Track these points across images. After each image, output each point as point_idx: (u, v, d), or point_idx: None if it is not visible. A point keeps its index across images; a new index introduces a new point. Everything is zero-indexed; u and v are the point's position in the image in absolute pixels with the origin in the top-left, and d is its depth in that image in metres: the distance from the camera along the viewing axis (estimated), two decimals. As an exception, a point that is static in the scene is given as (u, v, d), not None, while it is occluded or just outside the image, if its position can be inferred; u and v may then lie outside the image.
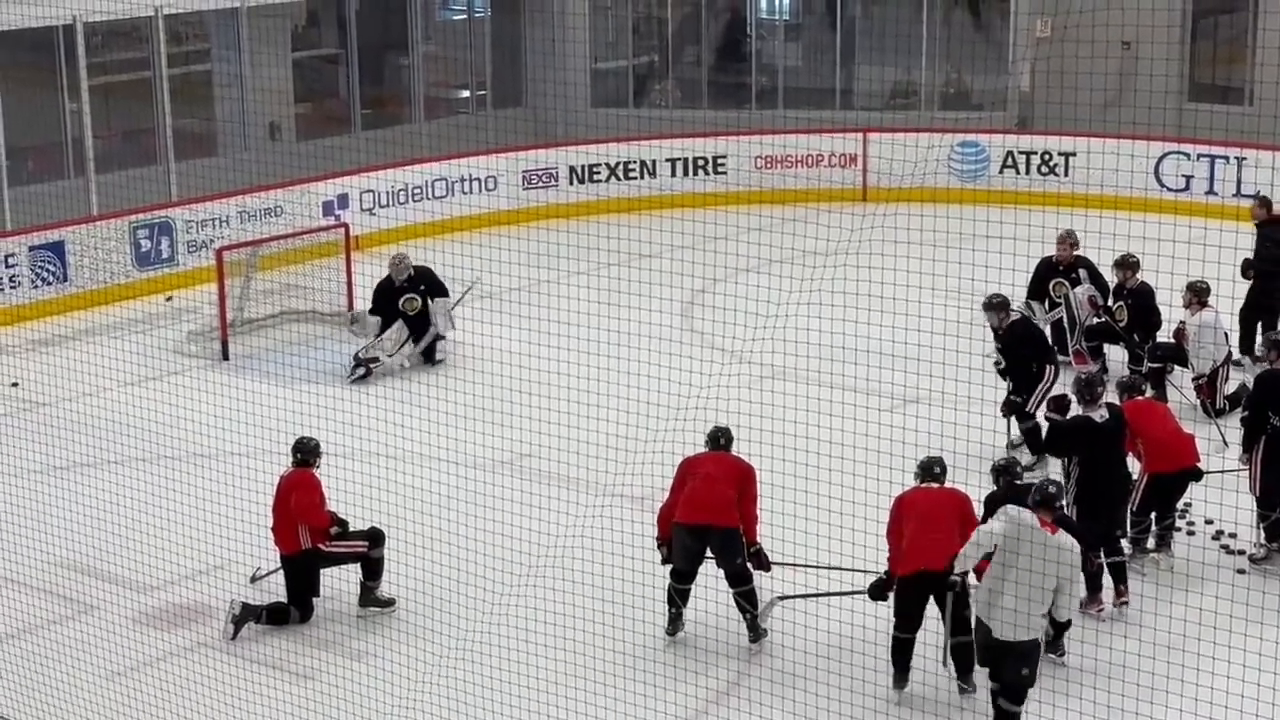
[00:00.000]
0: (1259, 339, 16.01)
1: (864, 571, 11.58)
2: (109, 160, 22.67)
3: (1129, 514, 12.35)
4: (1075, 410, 12.30)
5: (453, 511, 12.80)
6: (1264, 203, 17.25)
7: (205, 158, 23.43)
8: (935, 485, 11.15)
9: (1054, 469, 13.16)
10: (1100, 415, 12.05)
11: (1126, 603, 11.96)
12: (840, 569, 11.60)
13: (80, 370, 16.73)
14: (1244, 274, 16.75)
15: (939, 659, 11.07)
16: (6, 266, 19.47)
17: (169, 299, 17.12)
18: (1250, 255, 16.90)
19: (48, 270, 19.78)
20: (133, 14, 21.90)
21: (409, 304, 17.59)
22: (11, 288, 19.49)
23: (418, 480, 12.99)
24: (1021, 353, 14.40)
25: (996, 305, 14.53)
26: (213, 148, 24.25)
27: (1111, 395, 12.78)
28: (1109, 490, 11.98)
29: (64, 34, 21.90)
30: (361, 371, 17.37)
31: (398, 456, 13.91)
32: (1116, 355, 16.43)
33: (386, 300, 17.67)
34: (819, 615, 11.50)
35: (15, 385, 17.09)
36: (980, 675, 10.75)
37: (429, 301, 17.64)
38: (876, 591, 11.13)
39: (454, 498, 13.16)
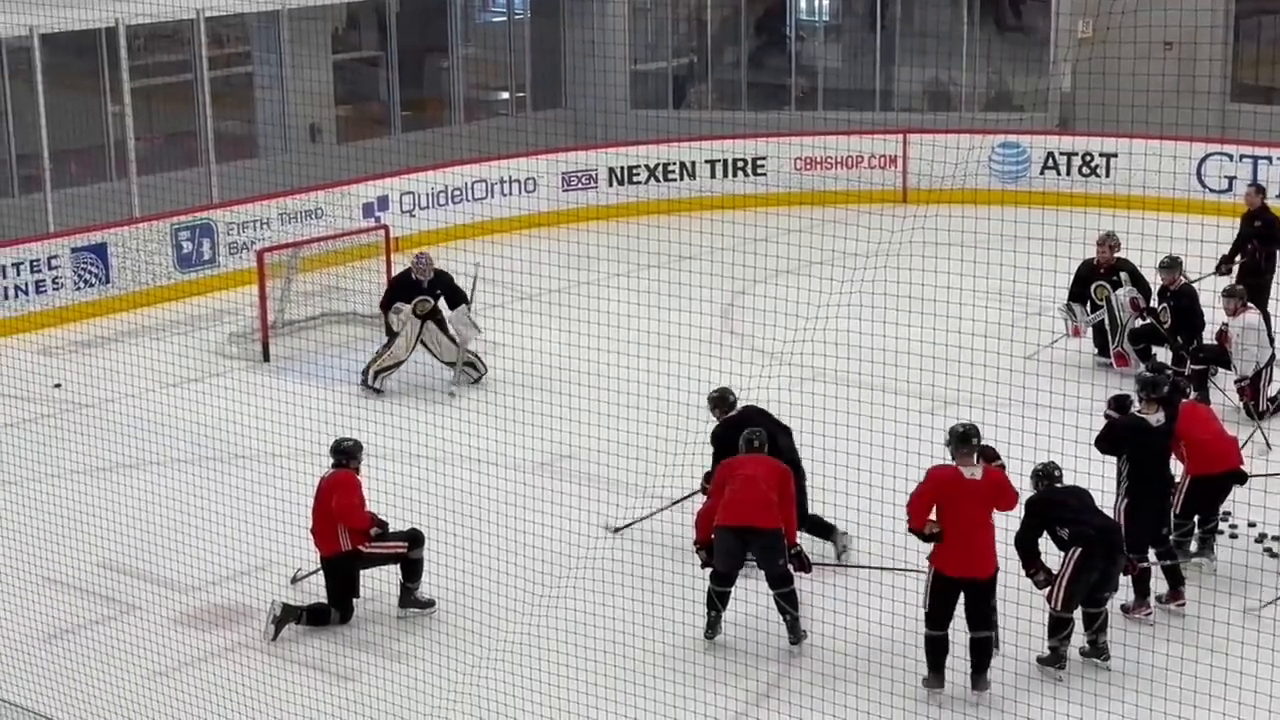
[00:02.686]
0: None
1: (904, 571, 11.57)
2: (151, 162, 22.78)
3: (1172, 517, 12.29)
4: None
5: (492, 513, 12.82)
6: (1261, 190, 17.81)
7: (246, 160, 23.52)
8: (978, 472, 10.99)
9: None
10: (1156, 419, 11.95)
11: (1183, 604, 11.90)
12: (880, 569, 11.58)
13: (122, 371, 16.81)
14: (1220, 271, 16.83)
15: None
16: (50, 268, 19.58)
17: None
18: (1225, 253, 17.08)
19: (90, 272, 19.89)
20: (174, 17, 22.00)
21: (421, 305, 17.12)
22: (54, 289, 19.60)
23: (457, 482, 13.00)
24: None
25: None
26: (253, 150, 24.34)
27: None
28: (1155, 492, 11.92)
29: (106, 37, 22.01)
30: (377, 385, 17.16)
31: (437, 458, 13.93)
32: (1161, 357, 16.33)
33: (402, 295, 17.24)
34: (858, 618, 11.48)
35: (58, 386, 17.18)
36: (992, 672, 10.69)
37: (446, 311, 17.21)
38: (925, 539, 10.95)
39: (493, 499, 13.18)
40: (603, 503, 13.21)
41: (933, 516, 10.88)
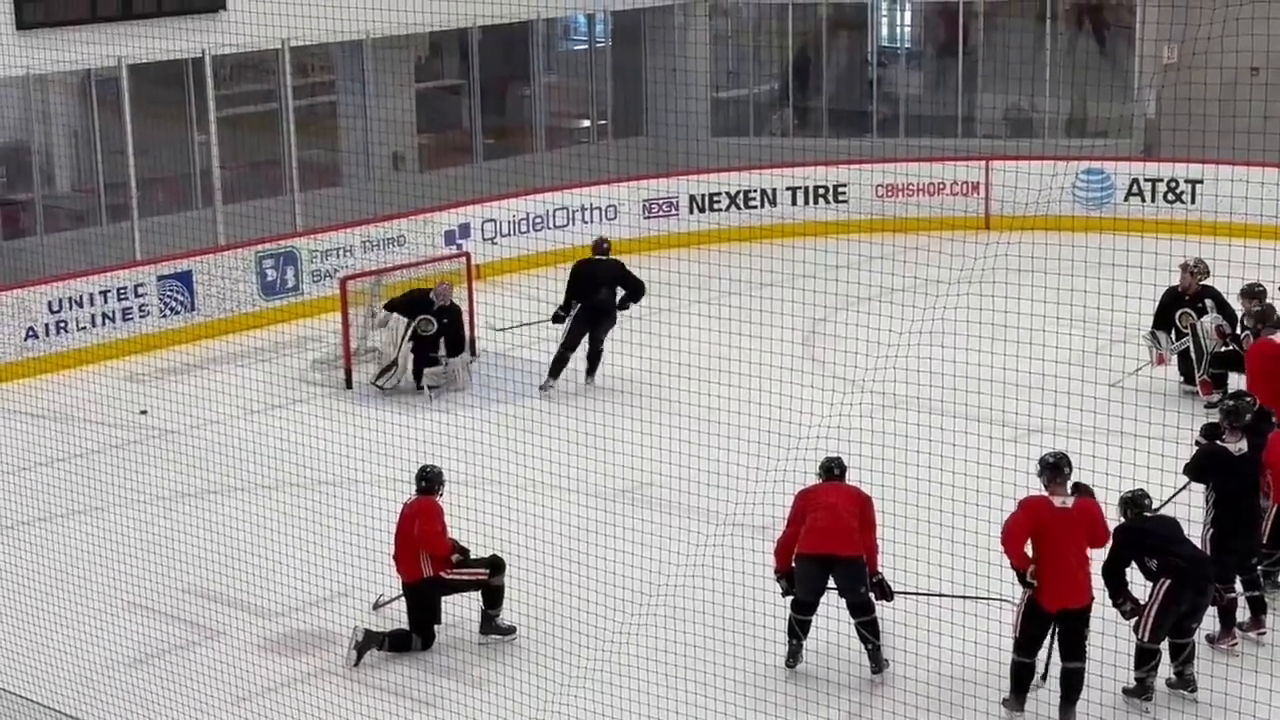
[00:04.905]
0: None
1: (986, 600, 11.47)
2: (236, 191, 22.99)
3: (1260, 547, 12.13)
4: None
5: (573, 540, 12.82)
6: None
7: (329, 188, 23.69)
8: (1069, 501, 10.91)
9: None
10: (1238, 447, 11.83)
11: (1264, 632, 11.77)
12: (963, 597, 11.49)
13: (207, 398, 16.96)
14: None
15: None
16: (136, 296, 19.79)
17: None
18: None
19: (176, 299, 20.08)
20: (259, 47, 22.21)
21: (424, 324, 17.67)
22: (141, 316, 19.80)
23: (538, 509, 13.02)
24: None
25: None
26: (337, 178, 24.52)
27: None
28: (1242, 521, 11.78)
29: (193, 67, 22.26)
30: (380, 384, 17.80)
31: (519, 485, 13.96)
32: (1240, 385, 16.14)
33: (411, 308, 17.80)
34: (941, 647, 11.39)
35: (144, 413, 17.34)
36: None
37: (446, 356, 17.81)
38: (1025, 584, 10.88)
39: (574, 526, 13.18)
40: (683, 530, 13.18)
41: (1028, 551, 10.80)
